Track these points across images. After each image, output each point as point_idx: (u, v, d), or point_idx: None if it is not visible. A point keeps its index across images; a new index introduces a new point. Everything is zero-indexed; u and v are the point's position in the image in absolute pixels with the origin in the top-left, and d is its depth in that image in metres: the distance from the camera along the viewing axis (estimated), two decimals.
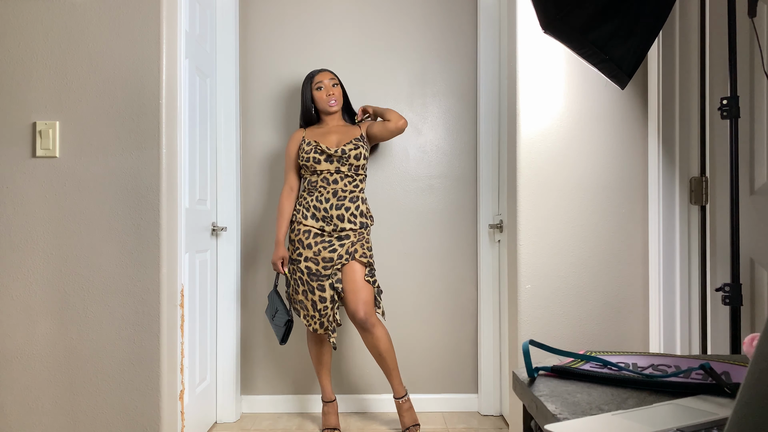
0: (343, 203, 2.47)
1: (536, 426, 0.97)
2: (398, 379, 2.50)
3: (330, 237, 2.46)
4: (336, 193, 2.48)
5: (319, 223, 2.47)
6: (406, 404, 2.51)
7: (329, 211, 2.46)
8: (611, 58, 1.58)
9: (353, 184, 2.51)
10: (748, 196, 1.70)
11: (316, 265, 2.44)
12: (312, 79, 2.59)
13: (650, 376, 0.93)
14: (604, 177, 2.07)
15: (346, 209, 2.46)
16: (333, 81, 2.59)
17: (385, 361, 2.46)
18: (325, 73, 2.59)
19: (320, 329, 2.47)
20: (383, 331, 2.44)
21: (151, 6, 1.98)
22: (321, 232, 2.47)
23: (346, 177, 2.49)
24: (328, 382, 2.62)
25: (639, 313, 2.06)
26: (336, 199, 2.47)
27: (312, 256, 2.45)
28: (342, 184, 2.49)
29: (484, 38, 2.83)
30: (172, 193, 2.05)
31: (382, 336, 2.43)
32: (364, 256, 2.46)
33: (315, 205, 2.48)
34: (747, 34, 1.68)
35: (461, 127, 2.95)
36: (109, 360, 1.96)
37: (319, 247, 2.45)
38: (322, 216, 2.47)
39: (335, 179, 2.49)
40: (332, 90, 2.57)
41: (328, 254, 2.44)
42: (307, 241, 2.46)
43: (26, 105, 1.98)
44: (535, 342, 1.03)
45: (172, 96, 2.06)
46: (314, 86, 2.58)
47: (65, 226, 1.97)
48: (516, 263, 2.06)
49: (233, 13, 2.78)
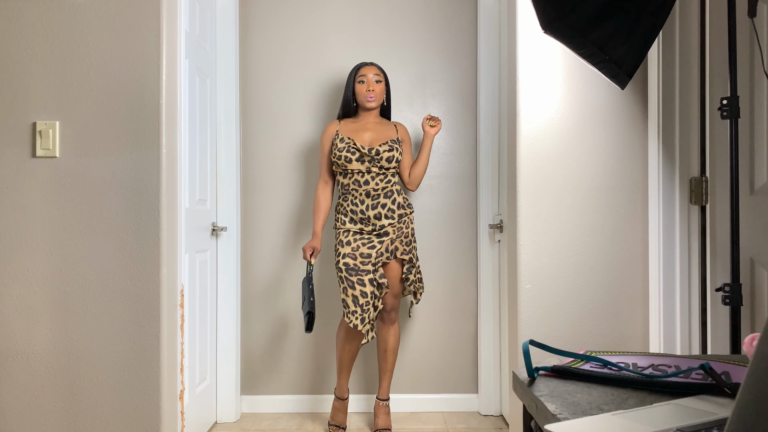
0: (379, 201, 2.46)
1: (536, 426, 0.97)
2: (389, 382, 2.62)
3: (369, 235, 2.47)
4: (369, 193, 2.47)
5: (358, 225, 2.47)
6: (386, 408, 2.62)
7: (366, 212, 2.45)
8: (611, 58, 1.58)
9: (385, 180, 2.48)
10: (748, 196, 1.70)
11: (353, 260, 2.43)
12: (357, 71, 2.54)
13: (650, 376, 0.93)
14: (604, 177, 2.07)
15: (382, 206, 2.46)
16: (377, 77, 2.53)
17: (387, 358, 2.59)
18: (371, 67, 2.54)
19: (361, 325, 2.39)
20: (398, 330, 2.61)
21: (151, 6, 1.98)
22: (360, 231, 2.48)
23: (378, 175, 2.47)
24: (346, 380, 2.59)
25: (639, 313, 2.06)
26: (370, 199, 2.46)
27: (350, 252, 2.44)
28: (374, 184, 2.47)
29: (484, 38, 2.83)
30: (172, 193, 2.05)
31: (396, 333, 2.59)
32: (405, 253, 2.51)
33: (351, 209, 2.48)
34: (747, 34, 1.68)
35: (461, 127, 2.95)
36: (109, 360, 1.96)
37: (357, 243, 2.45)
38: (360, 218, 2.46)
39: (366, 180, 2.47)
40: (374, 86, 2.51)
41: (366, 250, 2.44)
42: (346, 239, 2.47)
43: (26, 105, 1.98)
44: (535, 342, 1.03)
45: (172, 96, 2.06)
46: (357, 79, 2.53)
47: (65, 226, 1.97)
48: (516, 263, 2.06)
49: (233, 13, 2.78)
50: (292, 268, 2.92)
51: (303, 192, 2.92)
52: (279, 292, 2.92)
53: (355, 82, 2.53)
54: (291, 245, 2.93)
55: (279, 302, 2.92)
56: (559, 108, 2.07)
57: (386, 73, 2.64)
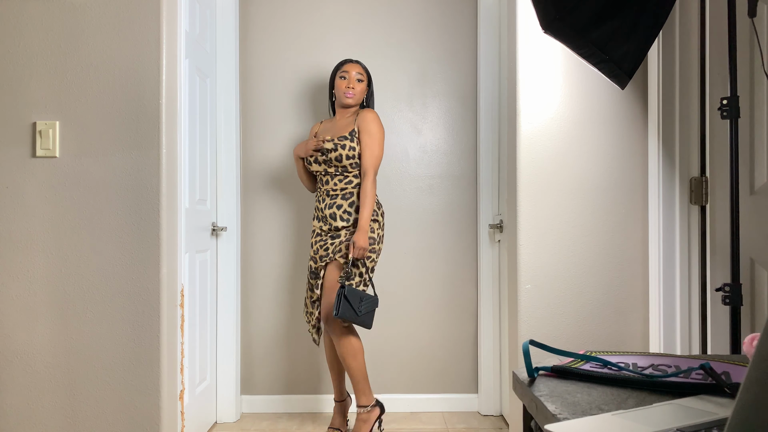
0: (335, 201, 2.41)
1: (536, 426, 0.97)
2: (361, 390, 2.37)
3: (326, 235, 2.45)
4: (329, 192, 2.44)
5: (319, 223, 2.47)
6: (365, 416, 2.40)
7: (324, 211, 2.44)
8: (611, 58, 1.58)
9: (345, 180, 2.41)
10: (748, 196, 1.70)
11: (315, 263, 2.45)
12: (340, 66, 2.48)
13: (650, 376, 0.93)
14: (604, 177, 2.07)
15: (338, 207, 2.40)
16: (360, 76, 2.46)
17: (345, 365, 2.36)
18: (354, 64, 2.47)
19: (310, 326, 2.48)
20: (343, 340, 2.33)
21: (151, 6, 1.98)
22: (320, 231, 2.47)
23: (337, 175, 2.42)
24: (336, 382, 2.59)
25: (639, 313, 2.06)
26: (330, 198, 2.43)
27: (312, 254, 2.48)
28: (332, 183, 2.43)
29: (484, 38, 2.83)
30: (172, 193, 2.05)
31: (342, 342, 2.33)
32: (345, 257, 2.35)
33: (316, 206, 2.50)
34: (747, 34, 1.68)
35: (461, 127, 2.95)
36: (109, 360, 1.96)
37: (317, 246, 2.45)
38: (320, 216, 2.47)
39: (326, 179, 2.45)
40: (354, 84, 2.44)
41: (322, 252, 2.43)
42: (311, 239, 2.50)
43: (26, 105, 1.98)
44: (535, 342, 1.03)
45: (172, 96, 2.06)
46: (339, 74, 2.47)
47: (65, 226, 1.97)
48: (516, 263, 2.06)
49: (233, 13, 2.78)
50: (293, 268, 2.92)
51: (303, 192, 2.92)
52: (279, 292, 2.92)
53: (337, 77, 2.48)
54: (291, 245, 2.93)
55: (279, 302, 2.92)
56: (559, 108, 2.07)
57: (371, 74, 2.57)
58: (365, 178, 2.36)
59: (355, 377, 2.36)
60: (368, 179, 2.35)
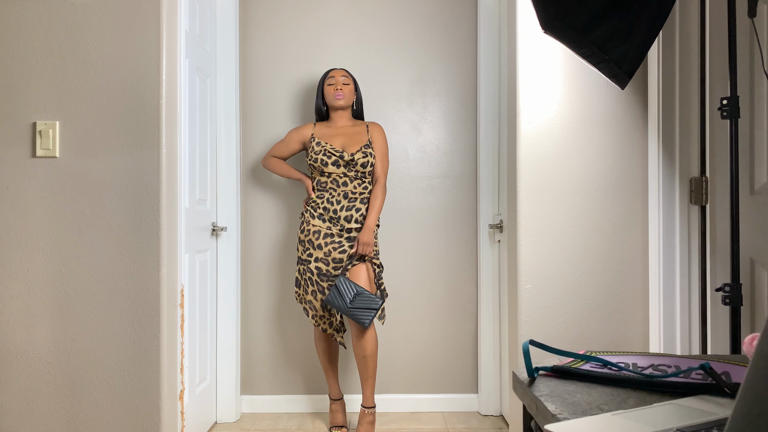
0: (354, 204, 2.48)
1: (536, 426, 0.97)
2: (372, 388, 2.47)
3: (339, 238, 2.46)
4: (347, 195, 2.49)
5: (326, 223, 2.47)
6: (370, 417, 2.47)
7: (338, 213, 2.46)
8: (611, 58, 1.58)
9: (363, 185, 2.51)
10: (748, 196, 1.70)
11: (326, 266, 2.45)
12: (326, 75, 2.60)
13: (650, 376, 0.93)
14: (604, 177, 2.07)
15: (356, 210, 2.47)
16: (345, 79, 2.58)
17: (367, 365, 2.43)
18: (339, 70, 2.60)
19: (330, 329, 2.51)
20: (373, 334, 2.42)
21: (151, 6, 1.98)
22: (329, 232, 2.47)
23: (356, 179, 2.50)
24: (336, 381, 2.62)
25: (639, 313, 2.06)
26: (347, 201, 2.48)
27: (322, 256, 2.46)
28: (352, 186, 2.49)
29: (484, 38, 2.83)
30: (172, 193, 2.05)
31: (371, 338, 2.41)
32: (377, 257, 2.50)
33: (325, 206, 2.49)
34: (747, 34, 1.68)
35: (461, 127, 2.95)
36: (109, 360, 1.96)
37: (329, 247, 2.45)
38: (329, 217, 2.47)
39: (345, 182, 2.49)
40: (341, 86, 2.56)
41: (338, 255, 2.44)
42: (318, 242, 2.47)
43: (26, 105, 1.98)
44: (535, 342, 1.03)
45: (172, 96, 2.06)
46: (326, 82, 2.59)
47: (65, 226, 1.97)
48: (516, 263, 2.06)
49: (233, 13, 2.78)
50: (293, 268, 2.92)
51: (303, 192, 2.92)
52: (279, 292, 2.92)
53: (325, 85, 2.59)
54: (291, 245, 2.92)
55: (279, 302, 2.92)
56: (559, 108, 2.07)
57: (356, 79, 2.70)
58: (377, 183, 2.54)
59: (372, 377, 2.45)
60: (380, 184, 2.54)
